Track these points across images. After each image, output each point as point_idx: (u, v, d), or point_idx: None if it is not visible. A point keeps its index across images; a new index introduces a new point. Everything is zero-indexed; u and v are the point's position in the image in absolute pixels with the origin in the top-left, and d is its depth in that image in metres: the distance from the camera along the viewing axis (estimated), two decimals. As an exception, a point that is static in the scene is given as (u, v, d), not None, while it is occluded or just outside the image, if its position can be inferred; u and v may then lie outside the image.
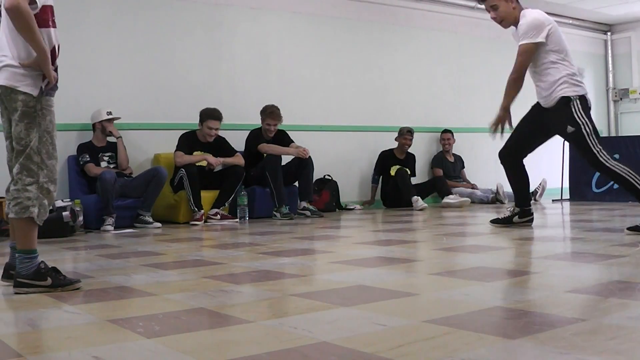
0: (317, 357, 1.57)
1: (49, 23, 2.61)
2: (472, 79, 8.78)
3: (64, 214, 5.02)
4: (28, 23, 2.47)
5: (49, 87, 2.60)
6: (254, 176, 6.38)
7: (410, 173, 7.58)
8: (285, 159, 6.58)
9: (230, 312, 2.13)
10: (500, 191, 7.70)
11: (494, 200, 7.74)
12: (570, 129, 4.08)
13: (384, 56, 8.11)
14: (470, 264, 3.09)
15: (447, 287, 2.46)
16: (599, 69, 10.63)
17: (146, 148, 6.41)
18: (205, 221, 5.92)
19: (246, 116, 6.87)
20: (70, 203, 5.20)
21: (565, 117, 4.14)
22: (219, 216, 5.99)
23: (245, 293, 2.51)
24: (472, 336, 1.71)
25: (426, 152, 8.41)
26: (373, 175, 7.74)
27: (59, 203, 5.02)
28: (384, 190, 7.69)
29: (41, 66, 2.55)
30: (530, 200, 4.82)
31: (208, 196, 6.03)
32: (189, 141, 6.16)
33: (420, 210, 6.98)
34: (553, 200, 7.89)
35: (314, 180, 6.80)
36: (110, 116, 5.88)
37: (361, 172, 7.87)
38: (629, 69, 10.51)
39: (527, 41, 4.16)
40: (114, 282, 2.77)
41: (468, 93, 8.75)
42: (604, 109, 10.63)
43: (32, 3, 2.49)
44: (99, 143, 5.89)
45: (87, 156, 5.74)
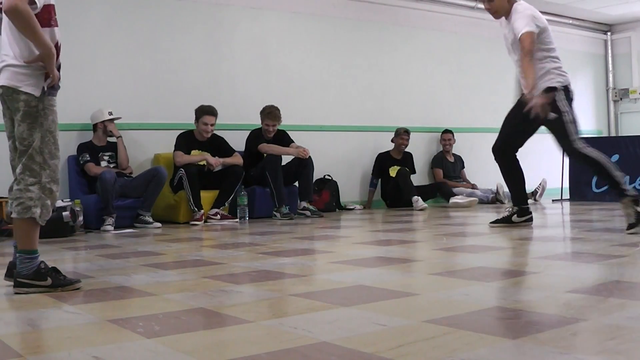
0: (317, 357, 1.57)
1: (50, 22, 2.60)
2: (472, 79, 8.78)
3: (64, 214, 5.02)
4: (28, 22, 2.46)
5: (51, 86, 2.60)
6: (254, 176, 6.38)
7: (410, 171, 7.58)
8: (286, 159, 6.57)
9: (230, 312, 2.13)
10: (500, 191, 7.70)
11: (494, 200, 7.74)
12: (552, 115, 4.12)
13: (384, 56, 8.11)
14: (470, 264, 3.09)
15: (447, 287, 2.46)
16: (599, 69, 10.62)
17: (146, 148, 6.41)
18: (205, 221, 5.92)
19: (246, 116, 6.87)
20: (70, 203, 5.20)
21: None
22: (219, 216, 5.99)
23: (245, 293, 2.50)
24: (472, 336, 1.71)
25: (426, 152, 8.41)
26: (371, 179, 7.73)
27: (59, 203, 5.01)
28: (384, 190, 7.69)
29: (45, 62, 2.54)
30: (527, 198, 4.84)
31: (208, 196, 6.03)
32: (187, 140, 6.16)
33: (420, 210, 6.99)
34: (553, 200, 7.89)
35: (314, 180, 6.80)
36: (112, 116, 5.89)
37: (361, 172, 7.87)
38: (629, 69, 10.51)
39: (530, 29, 4.18)
40: (114, 282, 2.77)
41: (468, 93, 8.75)
42: (604, 109, 10.63)
43: (32, 4, 2.48)
44: (99, 143, 5.89)
45: (87, 156, 5.74)
